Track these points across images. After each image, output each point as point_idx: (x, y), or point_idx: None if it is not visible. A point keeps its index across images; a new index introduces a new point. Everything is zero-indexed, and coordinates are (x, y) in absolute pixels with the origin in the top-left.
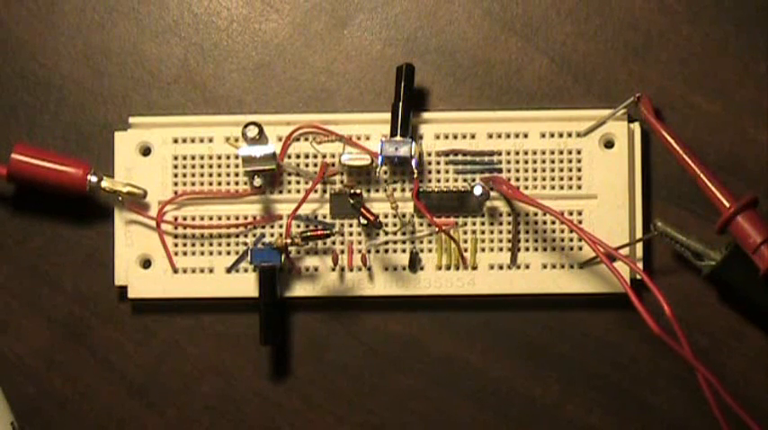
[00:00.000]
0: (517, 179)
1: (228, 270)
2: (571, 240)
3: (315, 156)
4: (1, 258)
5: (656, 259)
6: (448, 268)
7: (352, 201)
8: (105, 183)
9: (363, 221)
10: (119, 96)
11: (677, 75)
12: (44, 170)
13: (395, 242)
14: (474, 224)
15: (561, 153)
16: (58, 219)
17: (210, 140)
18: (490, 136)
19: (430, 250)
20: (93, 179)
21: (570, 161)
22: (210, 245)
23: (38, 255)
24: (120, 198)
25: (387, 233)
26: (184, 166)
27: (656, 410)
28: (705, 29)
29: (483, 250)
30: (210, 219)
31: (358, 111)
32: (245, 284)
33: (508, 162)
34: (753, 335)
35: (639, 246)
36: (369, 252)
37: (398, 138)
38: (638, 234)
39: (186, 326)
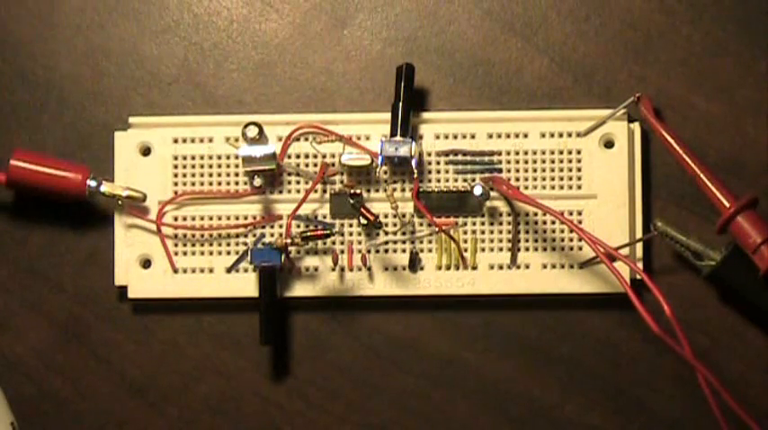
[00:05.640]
0: (517, 179)
1: (228, 270)
2: (571, 240)
3: (315, 156)
4: (1, 258)
5: (656, 259)
6: (448, 268)
7: (352, 201)
8: (105, 188)
9: (363, 221)
10: (119, 96)
11: (677, 75)
12: (43, 175)
13: (395, 242)
14: (474, 224)
15: (561, 153)
16: (58, 219)
17: (210, 140)
18: (490, 136)
19: (430, 250)
20: (93, 184)
21: (570, 161)
22: (210, 245)
23: (38, 255)
24: (119, 202)
25: (387, 233)
26: (184, 166)
27: (656, 410)
28: (705, 29)
29: (483, 250)
30: (210, 219)
31: (358, 111)
32: (245, 284)
33: (508, 162)
34: (753, 335)
35: (639, 246)
36: (369, 252)
37: (398, 138)
38: (638, 234)
39: (186, 326)
